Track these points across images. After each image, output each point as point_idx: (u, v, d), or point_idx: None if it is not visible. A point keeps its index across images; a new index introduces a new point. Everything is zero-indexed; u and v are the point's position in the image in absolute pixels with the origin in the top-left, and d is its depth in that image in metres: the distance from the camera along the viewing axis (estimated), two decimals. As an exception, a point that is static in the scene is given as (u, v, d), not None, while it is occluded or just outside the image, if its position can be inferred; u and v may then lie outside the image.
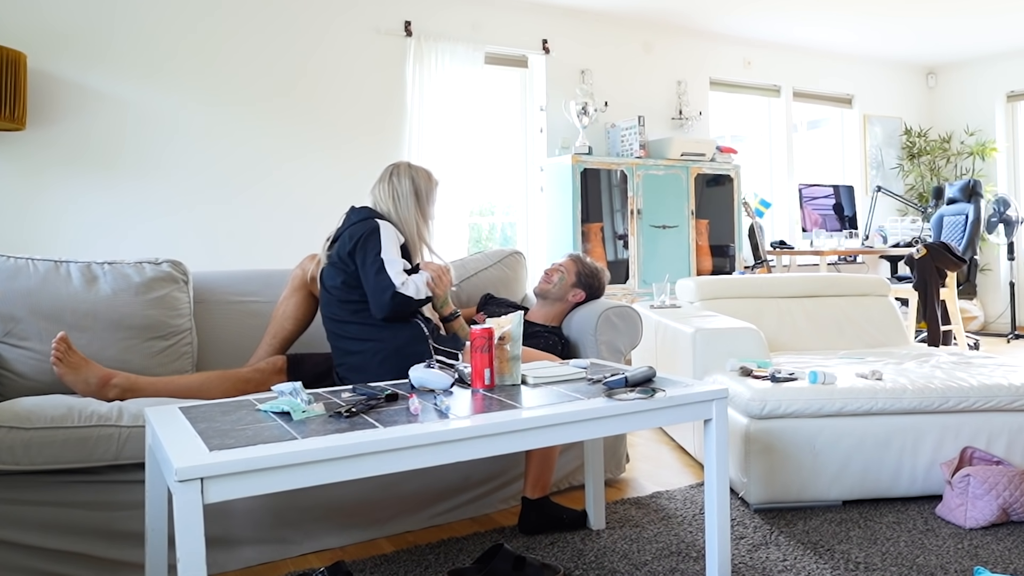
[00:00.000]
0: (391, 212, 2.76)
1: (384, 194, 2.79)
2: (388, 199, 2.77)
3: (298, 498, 2.50)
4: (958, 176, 8.04)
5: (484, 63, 5.66)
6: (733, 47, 7.05)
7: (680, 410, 2.12)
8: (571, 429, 1.95)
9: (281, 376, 2.76)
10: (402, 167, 2.83)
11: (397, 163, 2.85)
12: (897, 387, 2.82)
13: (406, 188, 2.78)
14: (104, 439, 2.27)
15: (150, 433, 1.96)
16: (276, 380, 2.73)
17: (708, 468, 2.17)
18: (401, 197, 2.77)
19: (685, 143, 6.07)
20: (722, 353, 3.16)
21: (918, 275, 5.67)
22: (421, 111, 5.42)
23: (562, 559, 2.42)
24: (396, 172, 2.81)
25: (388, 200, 2.77)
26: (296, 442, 1.68)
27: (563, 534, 2.60)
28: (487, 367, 2.19)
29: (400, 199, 2.77)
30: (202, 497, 1.53)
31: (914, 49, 7.59)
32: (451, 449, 1.80)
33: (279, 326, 2.90)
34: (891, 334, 4.06)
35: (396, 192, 2.77)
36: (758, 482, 2.79)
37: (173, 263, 2.98)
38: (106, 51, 4.56)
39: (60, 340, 2.48)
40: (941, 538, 2.54)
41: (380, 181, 2.82)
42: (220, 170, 4.87)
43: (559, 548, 2.51)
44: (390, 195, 2.77)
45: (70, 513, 2.28)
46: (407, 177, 2.80)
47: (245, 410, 1.99)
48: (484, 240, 6.34)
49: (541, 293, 3.25)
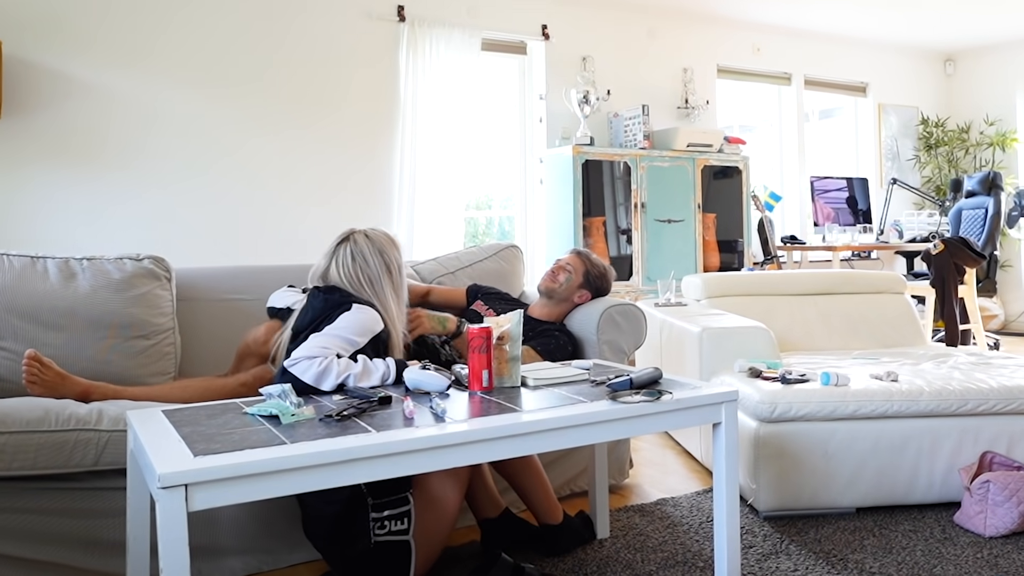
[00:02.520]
0: (371, 298, 2.46)
1: (355, 275, 2.48)
2: (364, 283, 2.47)
3: (287, 506, 2.49)
4: (977, 168, 8.04)
5: (481, 50, 5.65)
6: (742, 32, 7.05)
7: (688, 413, 2.12)
8: (574, 433, 1.95)
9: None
10: (360, 241, 2.52)
11: (351, 235, 2.53)
12: (913, 389, 2.82)
13: (376, 267, 2.49)
14: (83, 444, 2.26)
15: (132, 437, 1.96)
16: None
17: (717, 474, 2.17)
18: (376, 280, 2.48)
19: (691, 133, 6.07)
20: (730, 353, 3.16)
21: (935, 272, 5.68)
22: (415, 100, 5.41)
23: (563, 569, 2.42)
24: (358, 250, 2.50)
25: (363, 285, 2.47)
26: (285, 447, 1.68)
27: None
28: (485, 368, 2.19)
29: (376, 282, 2.48)
30: (186, 505, 1.53)
31: (931, 34, 7.59)
32: (447, 454, 1.80)
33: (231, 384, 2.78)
34: (907, 333, 4.06)
35: (369, 275, 2.48)
36: (768, 488, 2.79)
37: (155, 259, 2.97)
38: (85, 37, 4.55)
39: (31, 360, 2.40)
40: (959, 547, 2.54)
41: (343, 260, 2.49)
42: (205, 163, 4.87)
43: (559, 557, 2.51)
44: (366, 278, 2.47)
45: (47, 521, 2.27)
46: (375, 253, 2.50)
47: (232, 413, 1.99)
48: (481, 235, 6.34)
49: (546, 292, 3.24)
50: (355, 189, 5.32)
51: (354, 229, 2.56)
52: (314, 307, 2.40)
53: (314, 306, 2.40)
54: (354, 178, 5.32)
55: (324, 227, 5.18)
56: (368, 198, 5.36)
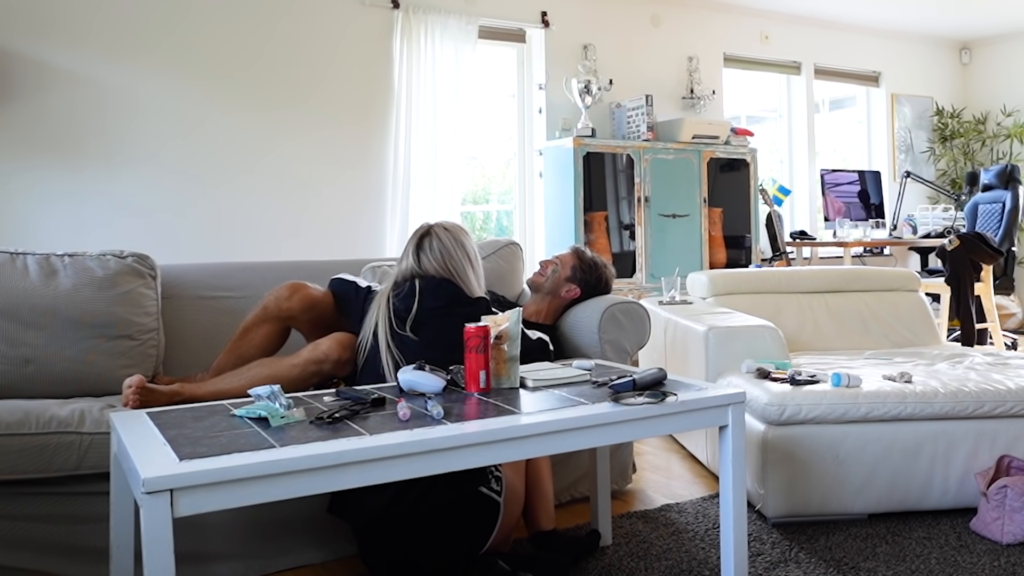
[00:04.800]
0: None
1: (445, 267, 2.70)
2: (454, 274, 2.70)
3: (276, 511, 2.50)
4: (994, 160, 8.05)
5: (478, 38, 5.65)
6: (749, 20, 7.05)
7: (694, 416, 2.12)
8: (574, 437, 1.95)
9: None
10: (441, 234, 2.74)
11: (431, 230, 2.76)
12: (928, 390, 2.82)
13: (460, 259, 2.73)
14: (64, 447, 2.27)
15: (115, 440, 1.95)
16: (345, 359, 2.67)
17: (724, 479, 2.17)
18: (462, 271, 2.72)
19: (697, 125, 6.07)
20: (737, 353, 3.16)
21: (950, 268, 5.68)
22: (409, 90, 5.41)
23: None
24: (441, 244, 2.73)
25: (454, 276, 2.70)
26: (274, 451, 1.68)
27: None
28: (482, 369, 2.19)
29: (463, 273, 2.72)
30: (171, 510, 1.53)
31: (947, 21, 7.59)
32: (443, 458, 1.80)
33: (244, 349, 2.81)
34: (921, 333, 4.07)
35: (454, 267, 2.71)
36: (777, 494, 2.79)
37: (139, 256, 2.98)
38: (64, 22, 4.53)
39: (136, 390, 2.39)
40: (976, 555, 2.55)
41: (431, 255, 2.72)
42: (190, 155, 4.86)
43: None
44: (454, 270, 2.70)
45: (27, 528, 2.27)
46: (457, 245, 2.73)
47: (219, 415, 1.99)
48: (478, 230, 6.34)
49: (531, 285, 3.23)
50: (347, 182, 5.32)
51: (429, 223, 2.77)
52: (439, 295, 2.63)
53: (439, 295, 2.63)
54: (346, 171, 5.31)
55: (315, 221, 5.19)
56: (361, 192, 5.35)
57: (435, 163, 5.47)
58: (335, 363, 2.63)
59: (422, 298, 2.62)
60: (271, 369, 2.61)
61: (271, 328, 2.84)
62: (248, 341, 2.83)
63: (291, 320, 2.84)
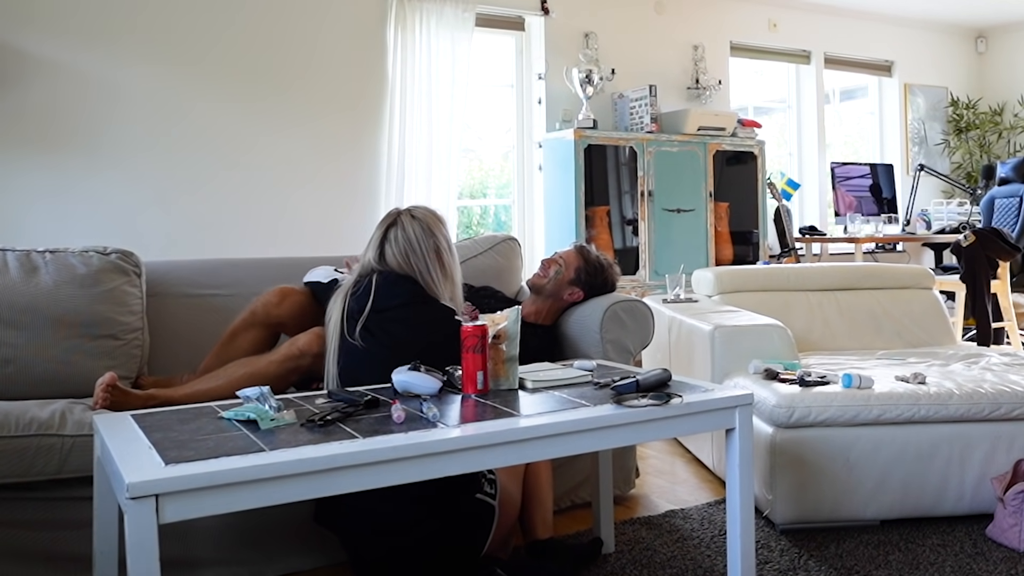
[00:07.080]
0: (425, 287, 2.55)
1: (406, 263, 2.55)
2: (416, 271, 2.54)
3: (264, 516, 2.49)
4: (1011, 153, 8.05)
5: (475, 25, 5.64)
6: (757, 7, 7.04)
7: (699, 418, 2.12)
8: (575, 440, 1.95)
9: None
10: (407, 223, 2.62)
11: (398, 218, 2.63)
12: (942, 392, 2.82)
13: (424, 253, 2.56)
14: (45, 450, 2.26)
15: (99, 444, 1.95)
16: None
17: (731, 484, 2.17)
18: (424, 270, 2.56)
19: (702, 116, 6.07)
20: (744, 353, 3.16)
21: (966, 265, 5.69)
22: (404, 80, 5.40)
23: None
24: (405, 235, 2.59)
25: (416, 273, 2.54)
26: (263, 455, 1.68)
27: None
28: (480, 369, 2.19)
29: (424, 272, 2.55)
30: (157, 516, 1.53)
31: (962, 9, 7.59)
32: (439, 462, 1.80)
33: (231, 354, 2.79)
34: (935, 332, 4.07)
35: (417, 265, 2.55)
36: (785, 499, 2.79)
37: (123, 253, 2.97)
38: (44, 11, 4.52)
39: (106, 388, 2.37)
40: (992, 563, 2.55)
41: (394, 248, 2.56)
42: (177, 149, 4.85)
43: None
44: (415, 267, 2.55)
45: (6, 534, 2.27)
46: (422, 237, 2.59)
47: (206, 418, 1.99)
48: (475, 225, 6.34)
49: (533, 286, 3.21)
50: (340, 176, 5.31)
51: (399, 210, 2.65)
52: (393, 294, 2.46)
53: (394, 293, 2.46)
54: (339, 164, 5.31)
55: (305, 216, 5.18)
56: (354, 185, 5.35)
57: (430, 156, 5.47)
58: (315, 357, 2.59)
59: (376, 297, 2.45)
60: (249, 367, 2.61)
61: (259, 333, 2.84)
62: (235, 346, 2.83)
63: (280, 327, 2.84)
